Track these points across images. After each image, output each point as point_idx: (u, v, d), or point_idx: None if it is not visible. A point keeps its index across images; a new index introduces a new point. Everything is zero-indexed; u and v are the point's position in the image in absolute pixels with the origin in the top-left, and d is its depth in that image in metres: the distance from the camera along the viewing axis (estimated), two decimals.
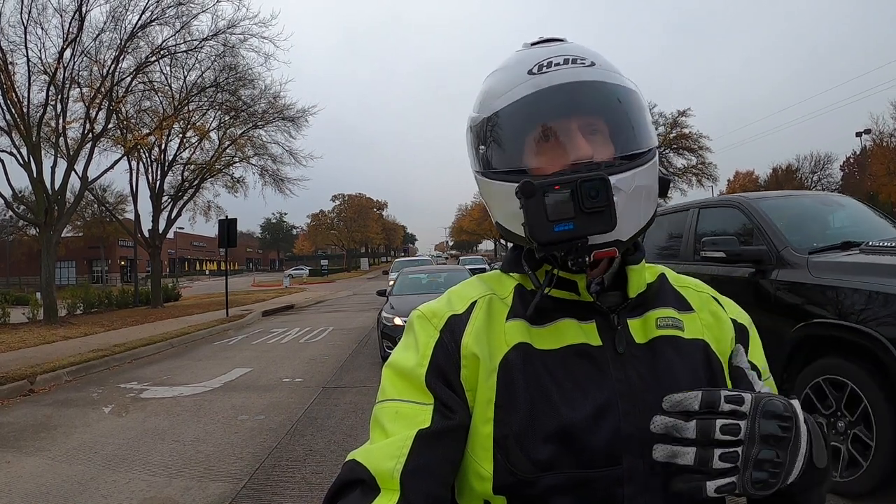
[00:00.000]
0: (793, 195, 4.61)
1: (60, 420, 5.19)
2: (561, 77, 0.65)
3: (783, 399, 0.56)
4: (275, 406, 5.41)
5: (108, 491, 3.44)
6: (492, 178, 0.69)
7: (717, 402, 0.54)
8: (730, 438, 0.53)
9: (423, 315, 0.72)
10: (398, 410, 0.65)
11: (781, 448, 0.53)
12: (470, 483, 0.65)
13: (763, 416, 0.53)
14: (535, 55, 0.69)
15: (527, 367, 0.65)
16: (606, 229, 0.59)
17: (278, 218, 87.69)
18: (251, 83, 18.02)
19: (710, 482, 0.53)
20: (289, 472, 3.65)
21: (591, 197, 0.58)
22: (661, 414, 0.56)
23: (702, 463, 0.53)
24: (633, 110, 0.68)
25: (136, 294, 18.93)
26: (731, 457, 0.53)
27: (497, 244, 64.65)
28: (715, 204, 4.50)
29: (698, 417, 0.55)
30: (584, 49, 0.70)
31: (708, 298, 0.76)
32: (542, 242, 0.59)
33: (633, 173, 0.64)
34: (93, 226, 37.20)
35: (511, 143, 0.68)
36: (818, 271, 3.10)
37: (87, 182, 14.98)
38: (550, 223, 0.58)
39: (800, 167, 42.46)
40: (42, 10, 13.21)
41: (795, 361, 3.09)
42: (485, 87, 0.74)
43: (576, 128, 0.65)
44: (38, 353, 8.66)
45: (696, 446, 0.54)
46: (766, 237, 3.54)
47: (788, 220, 3.73)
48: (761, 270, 3.47)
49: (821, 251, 3.29)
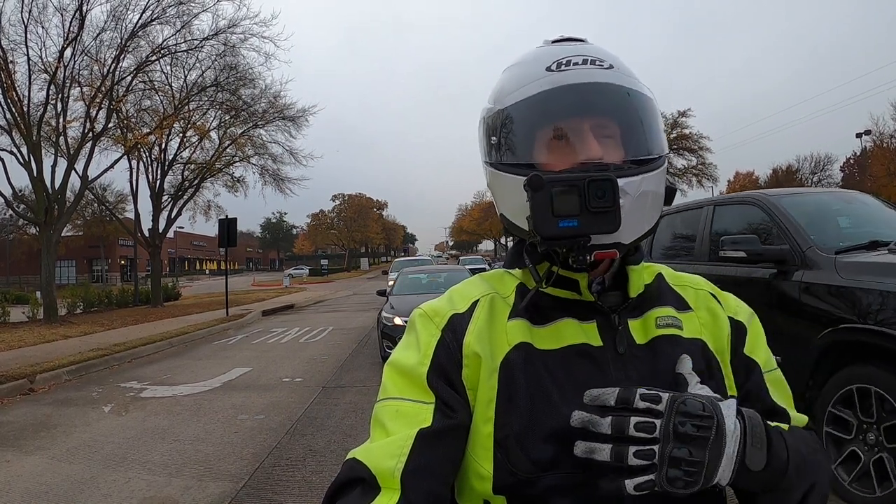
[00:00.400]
0: (813, 192, 4.39)
1: (60, 419, 5.19)
2: (578, 77, 0.66)
3: (705, 399, 0.56)
4: (275, 405, 5.41)
5: (107, 490, 3.44)
6: (501, 170, 0.69)
7: (631, 399, 0.55)
8: (644, 436, 0.54)
9: (425, 314, 0.72)
10: (399, 409, 0.65)
11: (697, 447, 0.53)
12: (470, 483, 0.65)
13: (679, 415, 0.54)
14: (554, 52, 0.69)
15: (528, 367, 0.65)
16: (610, 230, 0.59)
17: (278, 217, 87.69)
18: (251, 83, 18.02)
19: (629, 480, 0.53)
20: (289, 471, 3.65)
21: (598, 197, 0.58)
22: (581, 409, 0.57)
23: (618, 459, 0.54)
24: (647, 116, 0.68)
25: (136, 293, 18.94)
26: (646, 454, 0.53)
27: (497, 244, 64.64)
28: (732, 201, 4.22)
29: (613, 414, 0.55)
30: (605, 51, 0.70)
31: (706, 296, 0.76)
32: (545, 236, 0.60)
33: (642, 178, 0.64)
34: (93, 225, 37.24)
35: (523, 137, 0.68)
36: (847, 272, 2.87)
37: (87, 181, 14.97)
38: (555, 218, 0.58)
39: (800, 168, 42.46)
40: (43, 9, 13.22)
41: (822, 369, 2.88)
42: (501, 79, 0.74)
43: (588, 128, 0.65)
44: (38, 352, 8.65)
45: (611, 442, 0.55)
46: (790, 236, 3.30)
47: (810, 217, 3.49)
48: (784, 271, 3.24)
49: (847, 251, 3.08)
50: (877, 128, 30.88)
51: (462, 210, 77.65)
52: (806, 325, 3.01)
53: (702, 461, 0.53)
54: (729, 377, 0.70)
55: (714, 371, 0.69)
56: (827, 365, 2.87)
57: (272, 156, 20.73)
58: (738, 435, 0.55)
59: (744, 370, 0.71)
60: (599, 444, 0.55)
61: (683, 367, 0.64)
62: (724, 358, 0.71)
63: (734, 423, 0.55)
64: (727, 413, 0.55)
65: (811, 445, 0.65)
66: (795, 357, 2.93)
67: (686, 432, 0.53)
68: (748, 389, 0.70)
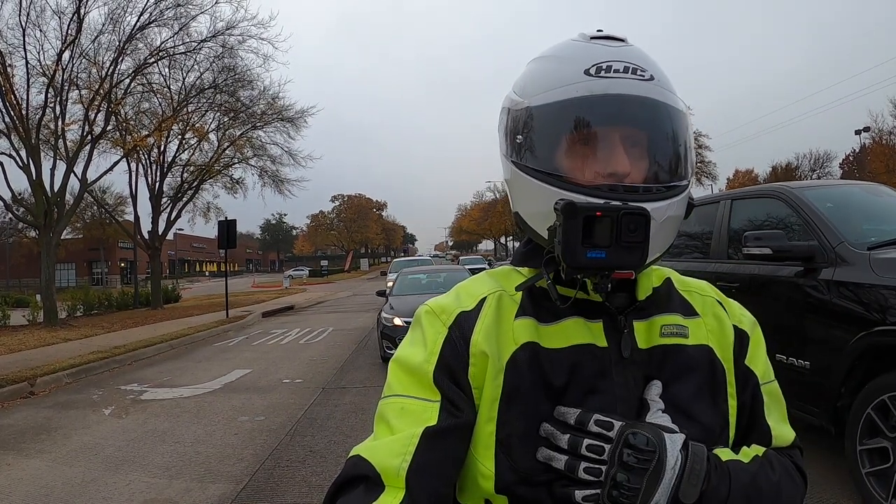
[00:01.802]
0: (838, 184, 4.16)
1: (61, 422, 5.19)
2: (619, 87, 0.64)
3: (651, 433, 0.59)
4: (275, 407, 5.41)
5: (108, 493, 3.44)
6: (524, 172, 0.68)
7: (586, 422, 0.61)
8: (594, 456, 0.59)
9: (432, 310, 0.71)
10: (404, 406, 0.64)
11: (636, 475, 0.57)
12: (472, 481, 0.65)
13: (625, 445, 0.59)
14: (593, 53, 0.66)
15: (533, 366, 0.65)
16: (636, 265, 0.58)
17: (278, 219, 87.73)
18: (250, 84, 18.02)
19: (578, 490, 0.59)
20: (289, 472, 3.65)
21: (631, 230, 0.57)
22: (549, 421, 0.63)
23: (570, 469, 0.60)
24: (682, 136, 0.67)
25: (136, 296, 18.90)
26: (594, 471, 0.59)
27: (497, 244, 64.65)
28: (752, 194, 3.94)
29: (571, 432, 0.61)
30: (646, 57, 0.67)
31: (713, 302, 0.75)
32: (571, 265, 0.58)
33: (668, 203, 0.64)
34: (92, 228, 37.16)
35: (552, 141, 0.66)
36: (884, 270, 2.63)
37: (86, 184, 14.96)
38: (584, 248, 0.57)
39: (799, 165, 42.49)
40: (40, 13, 13.21)
41: (856, 375, 2.67)
42: (532, 70, 0.71)
43: (619, 140, 0.64)
44: (39, 355, 8.65)
45: (567, 455, 0.60)
46: (817, 231, 3.06)
47: (837, 211, 3.25)
48: (812, 269, 2.99)
49: (881, 246, 2.84)
50: (876, 124, 30.89)
51: (462, 210, 77.69)
52: (837, 327, 2.78)
53: (639, 488, 0.57)
54: (732, 385, 0.70)
55: (718, 378, 0.69)
56: (862, 371, 2.65)
57: (271, 157, 20.75)
58: (679, 468, 0.58)
59: (742, 381, 0.71)
60: (558, 454, 0.61)
61: (650, 392, 0.65)
62: (730, 366, 0.71)
63: (675, 458, 0.58)
64: (671, 447, 0.59)
65: (778, 474, 0.65)
66: (826, 363, 2.80)
67: (628, 462, 0.58)
68: (742, 402, 0.71)
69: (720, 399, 0.68)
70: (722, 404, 0.68)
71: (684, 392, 0.66)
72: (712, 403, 0.67)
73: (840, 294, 2.81)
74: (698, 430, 0.64)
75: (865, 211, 3.48)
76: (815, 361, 2.88)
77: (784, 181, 39.98)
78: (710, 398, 0.67)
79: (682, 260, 4.25)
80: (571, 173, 0.64)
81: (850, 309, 2.74)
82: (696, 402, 0.66)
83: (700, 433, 0.64)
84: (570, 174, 0.64)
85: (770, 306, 3.21)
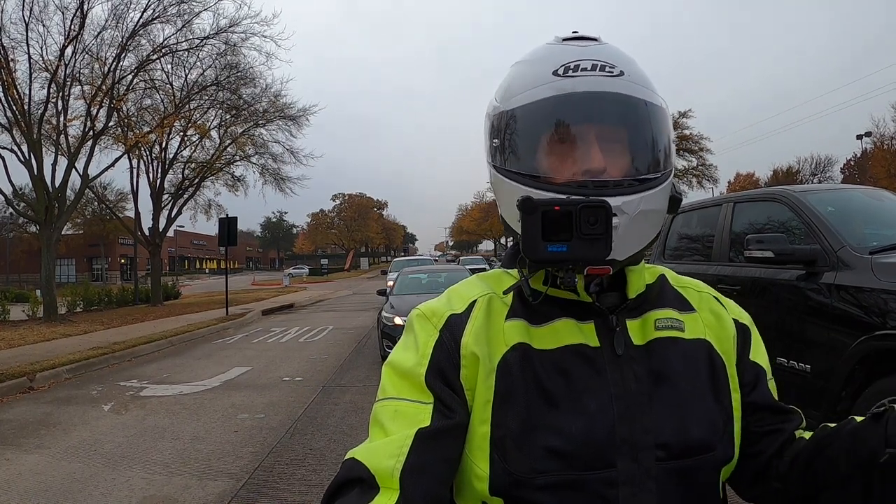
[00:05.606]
0: (840, 188, 4.18)
1: (60, 417, 5.19)
2: (585, 85, 0.64)
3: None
4: (274, 405, 5.41)
5: (107, 488, 3.44)
6: (502, 175, 0.69)
7: None
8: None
9: (423, 314, 0.72)
10: (398, 409, 0.65)
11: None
12: (467, 483, 0.65)
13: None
14: (563, 54, 0.67)
15: (525, 367, 0.65)
16: (600, 257, 0.58)
17: (278, 217, 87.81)
18: (252, 82, 18.05)
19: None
20: (288, 470, 3.65)
21: (590, 223, 0.57)
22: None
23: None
24: (655, 129, 0.67)
25: (135, 292, 18.93)
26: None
27: (497, 244, 64.65)
28: (754, 198, 3.95)
29: None
30: (617, 54, 0.67)
31: (709, 298, 0.75)
32: (532, 259, 0.59)
33: (641, 197, 0.63)
34: (93, 224, 37.25)
35: (525, 143, 0.67)
36: (886, 274, 2.63)
37: (87, 180, 14.97)
38: (544, 242, 0.58)
39: (800, 169, 42.44)
40: (44, 8, 13.24)
41: (857, 379, 2.67)
42: (510, 75, 0.72)
43: (593, 138, 0.64)
44: (38, 350, 8.66)
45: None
46: (820, 235, 3.07)
47: (839, 215, 3.26)
48: (814, 273, 3.00)
49: (883, 251, 2.85)
50: (877, 129, 30.94)
51: (462, 210, 77.73)
52: (839, 331, 2.79)
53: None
54: (734, 378, 0.70)
55: (719, 373, 0.68)
56: (861, 375, 2.65)
57: (273, 155, 20.78)
58: None
59: (752, 377, 0.71)
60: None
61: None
62: (730, 360, 0.70)
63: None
64: None
65: None
66: (827, 367, 2.80)
67: None
68: (756, 397, 0.70)
69: (722, 394, 0.68)
70: (724, 399, 0.68)
71: (684, 386, 0.66)
72: (714, 398, 0.67)
73: (841, 298, 2.81)
74: (700, 425, 0.64)
75: (867, 215, 3.48)
76: (815, 365, 2.88)
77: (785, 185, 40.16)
78: (712, 392, 0.67)
79: (684, 262, 4.26)
80: (547, 173, 0.65)
81: (852, 313, 2.75)
82: (696, 396, 0.66)
83: (703, 429, 0.64)
84: (546, 174, 0.65)
85: (771, 309, 3.21)
